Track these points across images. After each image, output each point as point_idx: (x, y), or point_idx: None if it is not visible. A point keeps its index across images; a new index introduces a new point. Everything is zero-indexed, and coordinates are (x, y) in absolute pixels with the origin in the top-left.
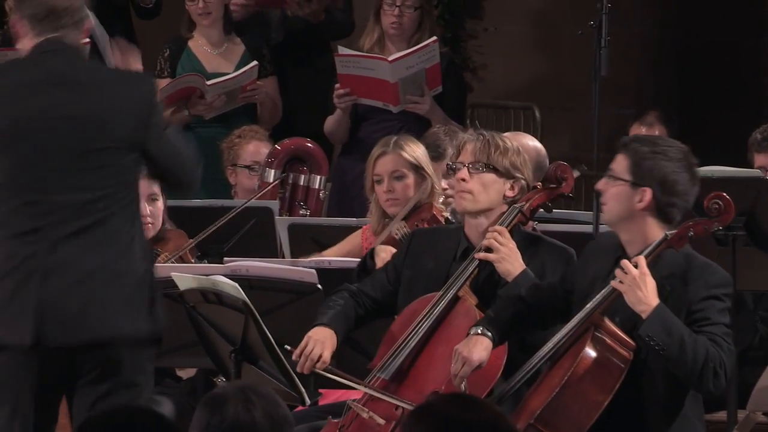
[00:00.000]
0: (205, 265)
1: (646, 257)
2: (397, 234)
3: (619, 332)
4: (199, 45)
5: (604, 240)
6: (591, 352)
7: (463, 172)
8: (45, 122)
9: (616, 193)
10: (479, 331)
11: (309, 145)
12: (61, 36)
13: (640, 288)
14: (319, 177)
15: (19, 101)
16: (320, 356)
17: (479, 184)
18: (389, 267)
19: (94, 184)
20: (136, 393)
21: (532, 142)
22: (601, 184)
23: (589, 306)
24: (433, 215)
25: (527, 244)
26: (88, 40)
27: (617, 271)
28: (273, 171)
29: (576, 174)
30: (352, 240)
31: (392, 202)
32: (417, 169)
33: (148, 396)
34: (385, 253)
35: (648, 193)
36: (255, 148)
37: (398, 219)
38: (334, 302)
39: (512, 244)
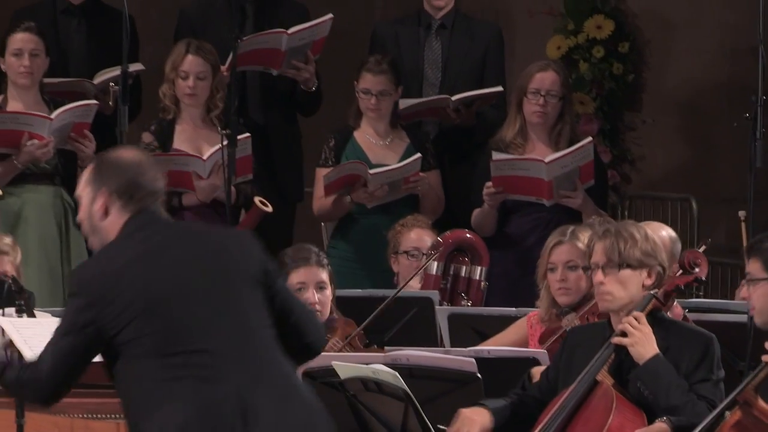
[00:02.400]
0: (365, 354)
1: None
2: (568, 326)
3: None
4: (364, 135)
5: None
6: (736, 418)
7: (598, 276)
8: (181, 275)
9: (761, 294)
10: (663, 419)
11: (469, 236)
12: (147, 209)
13: None
14: (480, 268)
15: (143, 269)
16: None
17: (616, 283)
18: (550, 366)
19: (250, 321)
20: None
21: (665, 231)
22: (743, 293)
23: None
24: None
25: (662, 328)
26: None
27: (766, 344)
28: (436, 263)
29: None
30: (518, 329)
31: (564, 291)
32: None
33: None
34: None
35: None
36: (417, 236)
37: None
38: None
39: (647, 329)
